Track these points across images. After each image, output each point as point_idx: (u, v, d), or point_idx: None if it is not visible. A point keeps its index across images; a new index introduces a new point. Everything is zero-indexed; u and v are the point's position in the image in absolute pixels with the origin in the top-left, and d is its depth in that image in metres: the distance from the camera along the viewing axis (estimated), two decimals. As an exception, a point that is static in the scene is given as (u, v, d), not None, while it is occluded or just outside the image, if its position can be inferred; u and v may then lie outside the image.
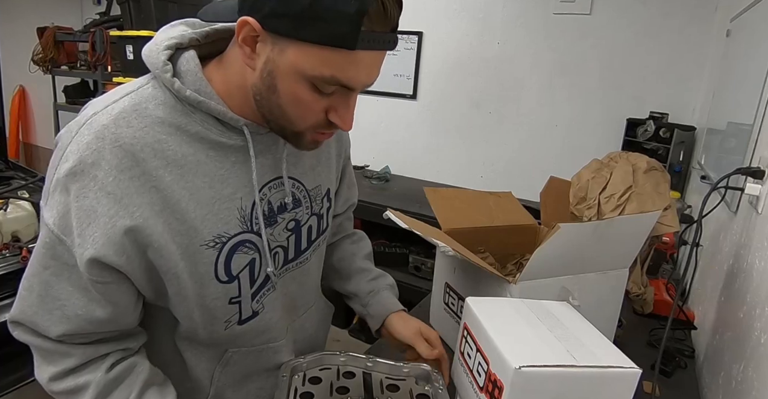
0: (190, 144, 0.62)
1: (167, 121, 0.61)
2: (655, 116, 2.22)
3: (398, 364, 0.77)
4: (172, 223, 0.61)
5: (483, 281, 0.94)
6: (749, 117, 1.16)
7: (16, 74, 4.27)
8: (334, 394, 0.70)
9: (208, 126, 0.63)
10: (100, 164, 0.57)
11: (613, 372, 0.62)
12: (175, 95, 0.61)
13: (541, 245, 0.82)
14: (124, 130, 0.59)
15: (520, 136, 2.70)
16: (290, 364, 0.74)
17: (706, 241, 1.39)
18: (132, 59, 3.23)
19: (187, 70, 0.62)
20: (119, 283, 0.62)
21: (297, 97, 0.58)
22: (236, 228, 0.66)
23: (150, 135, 0.59)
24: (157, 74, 0.61)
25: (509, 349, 0.63)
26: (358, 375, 0.75)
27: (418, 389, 0.74)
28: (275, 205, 0.72)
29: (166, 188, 0.60)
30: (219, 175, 0.64)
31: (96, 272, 0.59)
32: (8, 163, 2.68)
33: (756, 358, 0.80)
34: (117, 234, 0.58)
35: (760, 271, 0.88)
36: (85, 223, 0.57)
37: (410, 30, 2.89)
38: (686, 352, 1.17)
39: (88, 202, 0.57)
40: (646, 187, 1.04)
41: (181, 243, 0.62)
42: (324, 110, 0.61)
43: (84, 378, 0.65)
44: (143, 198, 0.59)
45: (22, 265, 1.87)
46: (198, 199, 0.62)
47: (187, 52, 0.63)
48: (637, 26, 2.32)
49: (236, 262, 0.67)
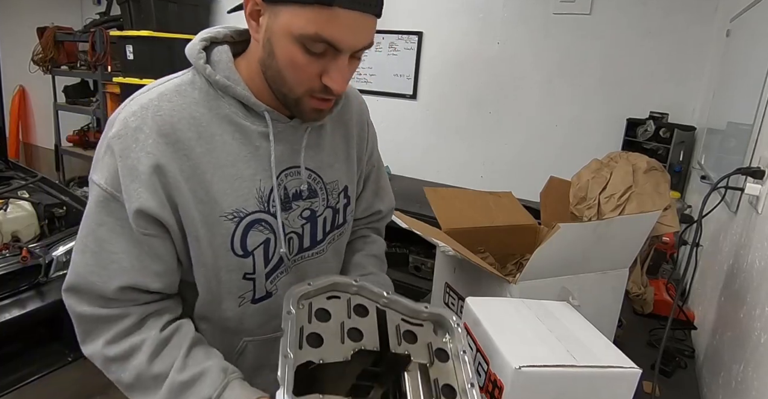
0: (219, 124, 0.69)
1: (201, 102, 0.69)
2: (655, 116, 2.23)
3: (417, 305, 0.68)
4: (197, 191, 0.67)
5: (483, 281, 0.94)
6: (749, 117, 1.16)
7: (16, 74, 4.27)
8: (346, 340, 0.63)
9: (235, 110, 0.70)
10: (142, 129, 0.65)
11: (613, 372, 0.62)
12: (208, 81, 0.69)
13: (541, 245, 0.82)
14: (165, 104, 0.67)
15: (520, 136, 2.70)
16: (295, 292, 0.64)
17: (706, 241, 1.39)
18: (132, 59, 3.23)
19: (219, 60, 0.70)
20: (163, 238, 0.68)
21: (292, 60, 0.63)
22: (254, 206, 0.71)
23: (187, 111, 0.67)
24: (193, 61, 0.69)
25: (509, 349, 0.63)
26: (372, 313, 0.67)
27: (438, 342, 0.68)
28: (290, 191, 0.76)
29: (196, 158, 0.67)
30: (242, 156, 0.70)
31: (143, 224, 0.66)
32: (8, 163, 2.68)
33: (756, 358, 0.80)
34: (157, 186, 0.65)
35: (760, 271, 0.88)
36: (129, 179, 0.64)
37: (410, 30, 2.89)
38: (686, 352, 1.17)
39: (131, 161, 0.64)
40: (646, 187, 1.04)
41: (203, 211, 0.68)
42: (318, 74, 0.65)
43: (140, 337, 0.69)
44: (176, 162, 0.66)
45: (22, 265, 1.87)
46: (221, 174, 0.69)
47: (221, 46, 0.71)
48: (637, 26, 2.32)
49: (252, 238, 0.72)
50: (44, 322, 1.94)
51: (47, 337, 1.98)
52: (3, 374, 1.79)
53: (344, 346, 0.62)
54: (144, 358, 0.67)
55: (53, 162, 4.26)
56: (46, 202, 2.22)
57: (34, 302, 1.87)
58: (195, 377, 0.67)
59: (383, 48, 2.99)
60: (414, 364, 0.64)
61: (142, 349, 0.68)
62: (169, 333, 0.70)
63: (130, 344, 0.68)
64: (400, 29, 2.91)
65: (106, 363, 0.70)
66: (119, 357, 0.69)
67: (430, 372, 0.64)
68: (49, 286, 1.94)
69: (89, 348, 0.71)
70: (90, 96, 4.11)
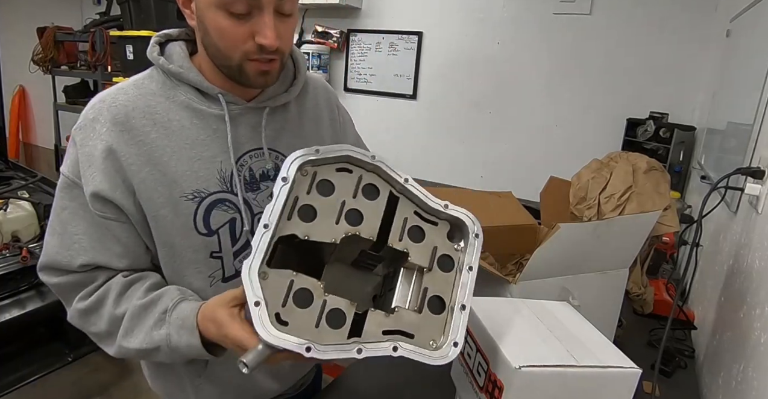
0: (177, 112, 0.73)
1: (158, 92, 0.73)
2: (655, 116, 2.23)
3: (437, 202, 0.59)
4: (155, 174, 0.70)
5: (483, 281, 0.94)
6: (749, 117, 1.16)
7: (16, 74, 4.26)
8: (341, 221, 0.55)
9: (191, 96, 0.73)
10: (98, 119, 0.70)
11: (613, 372, 0.62)
12: (164, 72, 0.74)
13: (541, 245, 0.82)
14: (121, 96, 0.72)
15: (520, 136, 2.70)
16: (298, 155, 0.56)
17: (706, 241, 1.39)
18: (132, 59, 3.23)
19: (173, 53, 0.75)
20: (121, 221, 0.71)
21: (219, 27, 0.66)
22: (215, 186, 0.73)
23: (142, 102, 0.72)
24: (149, 56, 0.74)
25: (509, 349, 0.63)
26: (382, 196, 0.58)
27: (446, 247, 0.59)
28: (257, 172, 0.77)
29: (151, 143, 0.70)
30: (200, 139, 0.73)
31: (99, 207, 0.69)
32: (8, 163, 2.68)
33: (756, 358, 0.80)
34: (110, 169, 0.68)
35: (760, 271, 0.88)
36: (86, 165, 0.69)
37: (410, 30, 2.89)
38: (686, 352, 1.17)
39: (88, 149, 0.69)
40: (646, 187, 1.04)
41: (163, 192, 0.71)
42: (249, 36, 0.66)
43: (106, 286, 0.73)
44: (131, 148, 0.69)
45: (22, 265, 1.87)
46: (179, 156, 0.71)
47: (175, 42, 0.77)
48: (637, 26, 2.32)
49: (215, 217, 0.74)
50: (44, 322, 1.94)
51: (47, 337, 1.98)
52: (3, 374, 1.79)
53: (337, 228, 0.55)
54: (111, 301, 0.71)
55: (53, 162, 4.26)
56: (46, 202, 2.22)
57: (34, 302, 1.87)
58: (154, 299, 0.70)
59: (383, 48, 2.99)
60: (410, 264, 0.58)
61: (108, 296, 0.72)
62: (133, 278, 0.74)
63: (97, 295, 0.72)
64: (400, 29, 2.91)
65: (82, 319, 0.74)
66: (91, 308, 0.72)
67: (424, 278, 0.57)
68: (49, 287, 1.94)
69: (69, 313, 0.75)
70: (90, 96, 4.09)
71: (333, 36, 3.04)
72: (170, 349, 0.68)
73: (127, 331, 0.70)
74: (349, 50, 3.10)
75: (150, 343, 0.69)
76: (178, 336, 0.67)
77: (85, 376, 2.30)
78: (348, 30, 3.07)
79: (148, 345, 0.69)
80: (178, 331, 0.67)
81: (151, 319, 0.69)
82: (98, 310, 0.72)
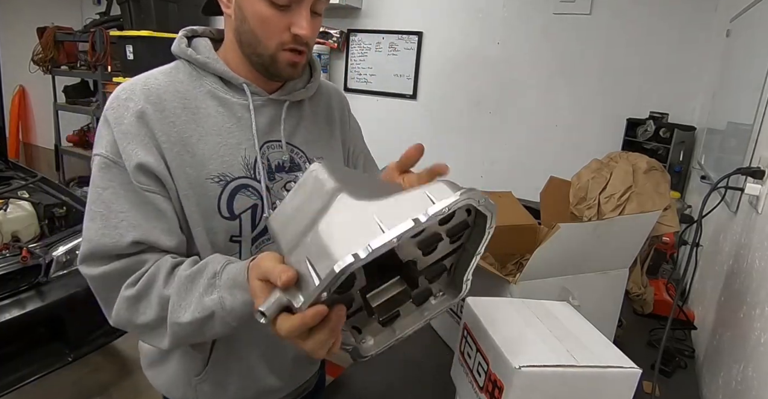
0: (204, 100, 0.76)
1: (186, 81, 0.76)
2: (655, 116, 2.22)
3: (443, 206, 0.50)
4: (183, 155, 0.72)
5: (483, 281, 0.94)
6: (749, 117, 1.16)
7: (16, 74, 4.26)
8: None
9: (217, 86, 0.77)
10: (131, 98, 0.71)
11: (613, 372, 0.62)
12: (191, 63, 0.77)
13: (541, 245, 0.82)
14: (152, 81, 0.74)
15: (520, 136, 2.70)
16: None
17: (706, 241, 1.39)
18: (132, 59, 3.23)
19: (199, 46, 0.79)
20: (164, 195, 0.72)
21: (260, 16, 0.70)
22: (239, 172, 0.76)
23: (172, 86, 0.75)
24: (176, 49, 0.78)
25: (509, 349, 0.63)
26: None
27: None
28: (273, 163, 0.80)
29: (181, 125, 0.73)
30: (226, 127, 0.76)
31: (143, 180, 0.70)
32: (8, 163, 2.68)
33: (756, 358, 0.80)
34: (148, 142, 0.70)
35: (760, 271, 0.88)
36: (125, 142, 0.70)
37: (410, 30, 2.88)
38: (686, 352, 1.17)
39: (125, 127, 0.70)
40: (646, 187, 1.04)
41: (191, 173, 0.72)
42: (286, 27, 0.71)
43: (155, 267, 0.69)
44: (164, 127, 0.71)
45: (22, 265, 1.87)
46: (207, 141, 0.74)
47: (201, 38, 0.81)
48: (637, 26, 2.32)
49: (239, 202, 0.76)
50: (44, 322, 1.94)
51: (47, 337, 1.98)
52: (3, 374, 1.79)
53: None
54: (161, 282, 0.67)
55: (53, 162, 4.26)
56: (46, 202, 2.22)
57: (34, 302, 1.87)
58: (200, 267, 0.66)
59: (383, 48, 2.99)
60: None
61: (158, 277, 0.68)
62: (179, 259, 0.71)
63: (147, 277, 0.68)
64: (400, 29, 2.91)
65: (130, 310, 0.69)
66: (141, 293, 0.68)
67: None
68: (49, 286, 1.94)
69: (116, 307, 0.70)
70: (90, 96, 4.11)
71: (333, 36, 3.04)
72: (226, 312, 0.62)
73: (176, 305, 0.66)
74: (349, 50, 3.10)
75: (202, 311, 0.63)
76: (231, 297, 0.62)
77: (85, 376, 2.30)
78: (348, 30, 3.07)
79: (200, 313, 0.63)
80: (230, 292, 0.62)
81: (201, 287, 0.64)
82: (148, 295, 0.68)
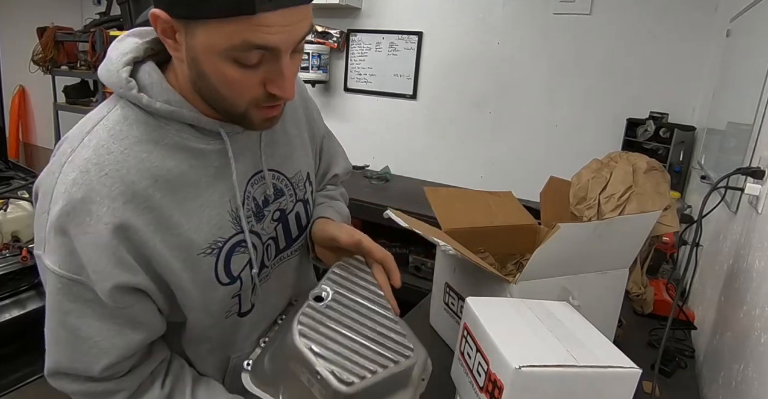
0: (171, 157, 0.61)
1: (143, 138, 0.60)
2: (655, 116, 2.22)
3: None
4: (167, 240, 0.61)
5: (483, 281, 0.94)
6: (749, 117, 1.16)
7: (16, 74, 4.27)
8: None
9: (185, 135, 0.63)
10: (91, 198, 0.56)
11: (613, 372, 0.62)
12: (145, 110, 0.61)
13: (541, 245, 0.82)
14: (105, 157, 0.58)
15: (520, 136, 2.70)
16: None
17: (706, 241, 1.39)
18: (132, 59, 3.23)
19: (151, 83, 0.61)
20: (142, 303, 0.63)
21: (225, 77, 0.56)
22: (230, 230, 0.67)
23: (132, 156, 0.59)
24: (122, 93, 0.60)
25: (509, 349, 0.63)
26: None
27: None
28: (260, 199, 0.73)
29: (158, 206, 0.60)
30: (204, 182, 0.64)
31: (119, 298, 0.59)
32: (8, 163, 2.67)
33: (756, 358, 0.80)
34: (125, 254, 0.58)
35: (760, 271, 0.88)
36: (95, 257, 0.57)
37: (410, 30, 2.88)
38: (686, 352, 1.17)
39: (91, 237, 0.56)
40: (646, 187, 1.04)
41: (180, 256, 0.62)
42: (260, 83, 0.58)
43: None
44: (140, 219, 0.58)
45: (22, 265, 1.87)
46: (188, 210, 0.63)
47: (146, 65, 0.62)
48: (637, 26, 2.32)
49: (235, 263, 0.69)
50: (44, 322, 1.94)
51: (47, 337, 1.97)
52: (3, 374, 1.79)
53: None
54: None
55: (53, 162, 4.26)
56: (46, 202, 2.21)
57: (34, 302, 1.87)
58: None
59: (383, 48, 2.99)
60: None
61: None
62: (171, 385, 0.68)
63: None
64: (400, 29, 2.91)
65: None
66: None
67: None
68: (49, 286, 1.94)
69: None
70: (90, 96, 4.11)
71: (333, 36, 3.04)
72: None
73: None
74: (349, 50, 3.10)
75: None
76: None
77: (85, 376, 2.30)
78: (348, 30, 3.06)
79: None
80: None
81: None
82: None
